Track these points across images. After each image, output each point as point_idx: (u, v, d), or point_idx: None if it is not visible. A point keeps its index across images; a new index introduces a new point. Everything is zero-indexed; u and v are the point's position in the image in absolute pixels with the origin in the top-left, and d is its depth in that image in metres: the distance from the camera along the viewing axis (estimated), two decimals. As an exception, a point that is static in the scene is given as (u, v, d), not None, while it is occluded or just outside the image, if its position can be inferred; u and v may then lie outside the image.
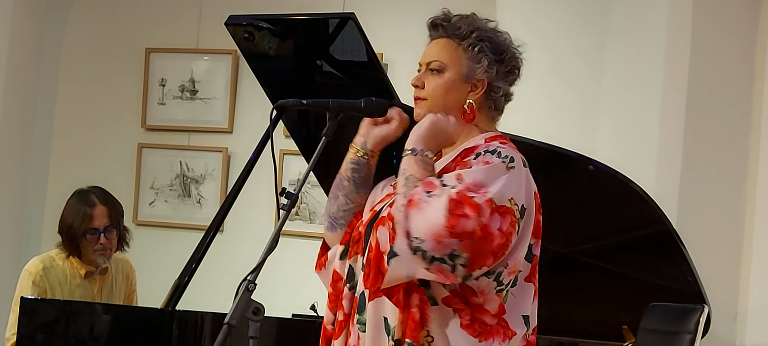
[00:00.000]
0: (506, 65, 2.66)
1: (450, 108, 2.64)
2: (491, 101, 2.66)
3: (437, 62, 2.66)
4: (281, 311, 4.07)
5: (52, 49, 6.49)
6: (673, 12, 4.88)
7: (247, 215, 5.87)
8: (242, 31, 3.88)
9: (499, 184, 2.49)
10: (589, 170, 3.76)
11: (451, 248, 2.42)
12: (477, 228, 2.42)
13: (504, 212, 2.47)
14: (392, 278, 2.50)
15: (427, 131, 2.61)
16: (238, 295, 2.53)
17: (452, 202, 2.43)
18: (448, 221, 2.41)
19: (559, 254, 3.90)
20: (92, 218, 4.35)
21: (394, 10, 5.95)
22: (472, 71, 2.64)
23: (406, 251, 2.45)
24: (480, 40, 2.64)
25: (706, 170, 4.89)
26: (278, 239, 2.60)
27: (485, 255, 2.45)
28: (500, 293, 2.53)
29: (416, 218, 2.45)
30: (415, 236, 2.44)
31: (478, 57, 2.64)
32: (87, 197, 4.40)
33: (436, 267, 2.44)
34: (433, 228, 2.42)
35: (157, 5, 6.41)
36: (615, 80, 4.98)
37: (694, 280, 3.91)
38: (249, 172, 4.13)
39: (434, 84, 2.66)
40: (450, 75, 2.65)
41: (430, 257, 2.43)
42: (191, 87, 6.31)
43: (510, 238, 2.49)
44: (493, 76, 2.64)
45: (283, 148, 5.87)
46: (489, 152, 2.56)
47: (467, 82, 2.64)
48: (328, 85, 3.99)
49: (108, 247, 4.38)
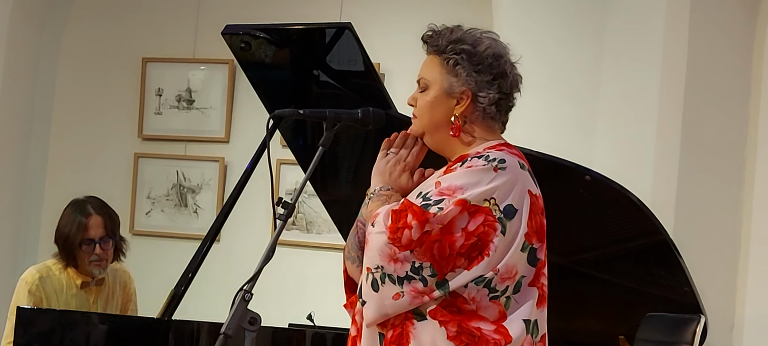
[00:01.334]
0: (487, 73, 2.64)
1: (438, 123, 2.66)
2: (480, 111, 2.65)
3: (423, 80, 2.70)
4: (278, 320, 4.07)
5: (49, 58, 6.49)
6: (670, 22, 4.88)
7: (244, 225, 5.87)
8: (239, 41, 3.88)
9: (479, 185, 2.51)
10: (586, 180, 3.75)
11: (409, 261, 2.46)
12: (430, 232, 2.45)
13: (475, 212, 2.49)
14: (370, 321, 2.55)
15: (374, 174, 2.72)
16: (234, 305, 2.53)
17: (393, 213, 2.50)
18: (389, 233, 2.47)
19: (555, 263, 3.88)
20: (88, 229, 4.34)
21: (391, 20, 5.96)
22: (451, 85, 2.65)
23: (369, 292, 2.52)
24: (455, 53, 2.64)
25: (702, 180, 4.89)
26: (275, 248, 2.60)
27: (450, 258, 2.47)
28: (497, 300, 2.52)
29: (368, 252, 2.52)
30: (374, 267, 2.50)
31: (455, 70, 2.64)
32: (83, 206, 4.39)
33: (409, 288, 2.47)
34: (381, 249, 2.48)
35: (153, 15, 6.41)
36: (612, 90, 4.98)
37: (690, 290, 3.90)
38: (245, 181, 4.13)
39: (422, 102, 2.69)
40: (433, 91, 2.67)
41: (396, 278, 2.47)
42: (188, 97, 6.31)
43: (485, 238, 2.49)
44: (474, 85, 2.64)
45: (280, 158, 5.87)
46: (476, 158, 2.58)
47: (451, 96, 2.65)
48: (325, 95, 3.99)
49: (104, 258, 4.37)
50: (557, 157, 3.74)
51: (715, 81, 4.93)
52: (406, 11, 5.91)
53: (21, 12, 6.23)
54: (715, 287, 4.77)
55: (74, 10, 6.51)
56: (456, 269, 2.49)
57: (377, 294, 2.51)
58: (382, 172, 2.71)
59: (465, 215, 2.48)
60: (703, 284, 4.09)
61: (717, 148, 4.93)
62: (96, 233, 4.35)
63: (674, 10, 4.88)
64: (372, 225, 2.54)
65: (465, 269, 2.49)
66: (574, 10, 5.08)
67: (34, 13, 6.35)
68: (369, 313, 2.54)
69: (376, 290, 2.51)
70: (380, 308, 2.52)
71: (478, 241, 2.49)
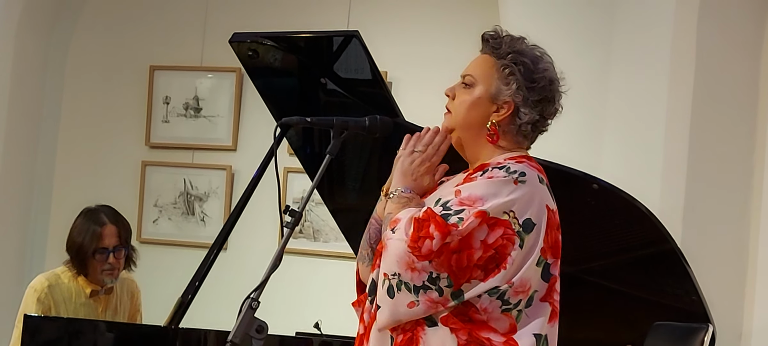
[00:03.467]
0: (537, 93, 2.62)
1: (471, 124, 2.63)
2: (516, 126, 2.63)
3: (470, 76, 2.65)
4: (285, 329, 4.07)
5: (56, 66, 6.50)
6: (678, 30, 4.88)
7: (251, 233, 5.87)
8: (246, 49, 3.88)
9: (499, 197, 2.49)
10: (594, 189, 3.74)
11: (427, 271, 2.45)
12: (449, 243, 2.43)
13: (494, 225, 2.47)
14: (383, 325, 2.54)
15: (396, 173, 2.66)
16: (241, 313, 2.53)
17: (416, 222, 2.47)
18: (410, 242, 2.45)
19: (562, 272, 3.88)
20: (102, 238, 4.33)
21: (399, 28, 5.96)
22: (499, 92, 2.61)
23: (384, 298, 2.50)
24: (514, 62, 2.61)
25: (710, 189, 4.88)
26: (282, 256, 2.60)
27: (467, 269, 2.45)
28: (508, 313, 2.51)
29: (386, 258, 2.50)
30: (392, 274, 2.48)
31: (508, 79, 2.61)
32: (97, 216, 4.38)
33: (425, 297, 2.46)
34: (400, 256, 2.46)
35: (161, 23, 6.42)
36: (619, 98, 4.98)
37: (698, 299, 3.89)
38: (253, 189, 4.13)
39: (461, 98, 2.65)
40: (478, 91, 2.63)
41: (412, 286, 2.46)
42: (195, 105, 6.32)
43: (503, 251, 2.48)
44: (520, 101, 2.61)
45: (287, 166, 5.87)
46: (497, 168, 2.56)
47: (493, 102, 2.62)
48: (332, 103, 3.99)
49: (116, 267, 4.36)
50: (564, 166, 3.73)
51: (723, 89, 4.92)
52: (414, 20, 5.91)
53: (29, 20, 6.24)
54: (724, 295, 4.76)
55: (82, 17, 6.52)
56: (472, 281, 2.47)
57: (392, 300, 2.50)
58: (406, 172, 2.65)
59: (484, 227, 2.46)
60: (711, 293, 4.08)
61: (725, 156, 4.92)
62: (110, 242, 4.34)
63: (682, 17, 4.88)
64: (392, 231, 2.52)
65: (481, 280, 2.47)
66: (582, 18, 5.08)
67: (42, 21, 6.36)
68: (382, 318, 2.53)
69: (391, 296, 2.50)
70: (394, 314, 2.51)
71: (496, 254, 2.47)
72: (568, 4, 5.11)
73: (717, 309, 4.06)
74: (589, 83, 5.03)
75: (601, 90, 4.99)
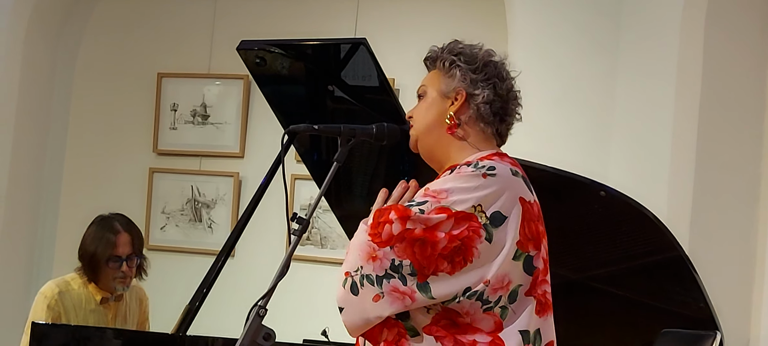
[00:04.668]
0: (482, 72, 2.66)
1: (433, 125, 2.67)
2: (474, 112, 2.66)
3: (421, 87, 2.74)
4: (292, 336, 4.07)
5: (64, 73, 6.51)
6: (685, 36, 4.88)
7: (259, 240, 5.87)
8: (254, 56, 3.88)
9: (466, 191, 2.50)
10: (601, 196, 3.74)
11: (388, 259, 2.45)
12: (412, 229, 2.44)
13: (461, 218, 2.47)
14: (353, 329, 2.53)
15: None
16: (248, 320, 2.53)
17: (377, 212, 2.50)
18: (370, 230, 2.48)
19: (570, 279, 3.89)
20: (116, 246, 4.33)
21: (406, 35, 5.96)
22: (447, 85, 2.68)
23: (348, 297, 2.50)
24: (452, 54, 2.69)
25: (718, 196, 4.88)
26: (289, 264, 2.60)
27: (431, 259, 2.45)
28: (491, 311, 2.49)
29: (348, 255, 2.52)
30: (354, 270, 2.48)
31: (451, 71, 2.68)
32: (111, 224, 4.39)
33: (389, 287, 2.45)
34: (362, 247, 2.48)
35: (169, 30, 6.43)
36: (626, 105, 4.98)
37: (706, 306, 3.88)
38: (260, 196, 4.13)
39: (418, 108, 2.73)
40: (429, 95, 2.71)
41: (374, 278, 2.46)
42: (203, 112, 6.33)
43: (468, 243, 2.47)
44: (468, 84, 2.66)
45: (295, 173, 5.87)
46: (465, 166, 2.58)
47: (446, 97, 2.68)
48: (339, 111, 3.99)
49: (129, 275, 4.37)
50: (571, 173, 3.73)
51: (730, 95, 4.92)
52: (421, 27, 5.91)
53: (37, 27, 6.25)
54: (731, 302, 4.75)
55: (90, 25, 6.53)
56: (439, 273, 2.46)
57: (357, 298, 2.48)
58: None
59: (451, 220, 2.47)
60: (719, 300, 4.07)
61: (732, 163, 4.92)
62: (123, 251, 4.34)
63: (689, 24, 4.87)
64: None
65: (448, 273, 2.46)
66: (589, 25, 5.08)
67: (50, 28, 6.38)
68: (349, 319, 2.51)
69: (355, 293, 2.49)
70: (361, 312, 2.49)
71: (461, 245, 2.46)
72: (575, 13, 5.11)
73: (725, 316, 4.05)
74: (596, 90, 5.03)
75: (608, 97, 4.99)
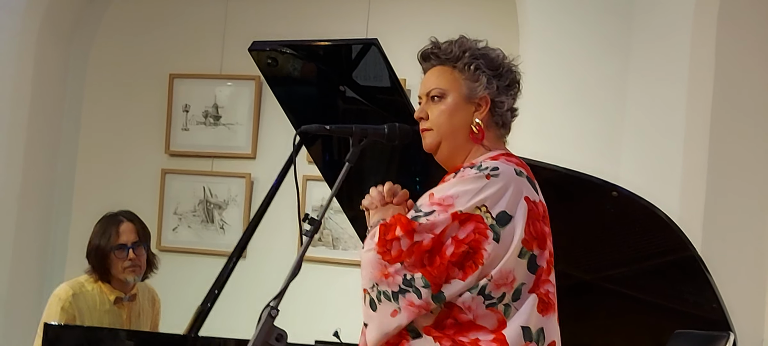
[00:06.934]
0: (505, 79, 2.65)
1: (457, 131, 2.64)
2: (497, 117, 2.65)
3: (437, 89, 2.67)
4: (304, 337, 4.07)
5: (77, 75, 6.52)
6: (696, 38, 4.87)
7: (270, 241, 5.87)
8: (266, 57, 3.88)
9: (470, 193, 2.50)
10: (613, 196, 3.74)
11: (400, 274, 2.45)
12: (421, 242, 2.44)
13: (465, 220, 2.48)
14: (373, 343, 2.53)
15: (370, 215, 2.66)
16: (260, 321, 2.53)
17: (382, 227, 2.50)
18: (378, 248, 2.47)
19: (582, 280, 3.88)
20: (119, 234, 4.34)
21: (417, 35, 5.91)
22: (472, 90, 2.64)
23: (368, 313, 2.51)
24: (474, 58, 2.64)
25: (730, 196, 4.87)
26: (301, 264, 2.60)
27: (442, 268, 2.45)
28: (494, 308, 2.49)
29: (363, 272, 2.51)
30: (370, 287, 2.49)
31: (476, 75, 2.63)
32: (113, 216, 4.41)
33: (405, 302, 2.46)
34: (373, 265, 2.48)
35: (181, 31, 6.44)
36: (638, 106, 4.97)
37: (719, 307, 3.87)
38: (272, 197, 4.13)
39: (437, 111, 2.66)
40: (452, 99, 2.65)
41: (390, 294, 2.46)
42: (215, 113, 6.33)
43: (476, 246, 2.47)
44: (495, 91, 2.64)
45: (306, 174, 5.87)
46: (469, 168, 2.57)
47: (470, 102, 2.64)
48: (351, 111, 3.99)
49: (137, 263, 4.36)
50: (583, 173, 3.73)
51: (742, 96, 4.91)
52: (432, 27, 5.87)
53: (49, 29, 6.27)
54: (744, 303, 4.74)
55: (102, 26, 6.54)
56: (451, 281, 2.46)
57: (376, 314, 2.50)
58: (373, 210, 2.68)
59: (456, 224, 2.47)
60: (732, 300, 4.06)
61: (744, 163, 4.91)
62: (128, 238, 4.35)
63: (701, 25, 4.87)
64: (364, 246, 2.55)
65: (460, 279, 2.47)
66: (600, 26, 5.07)
67: (62, 30, 6.39)
68: (371, 335, 2.52)
69: (374, 309, 2.50)
70: (380, 327, 2.50)
71: (469, 249, 2.47)
72: (586, 13, 5.11)
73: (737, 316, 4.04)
74: (608, 91, 5.02)
75: (619, 97, 4.98)
